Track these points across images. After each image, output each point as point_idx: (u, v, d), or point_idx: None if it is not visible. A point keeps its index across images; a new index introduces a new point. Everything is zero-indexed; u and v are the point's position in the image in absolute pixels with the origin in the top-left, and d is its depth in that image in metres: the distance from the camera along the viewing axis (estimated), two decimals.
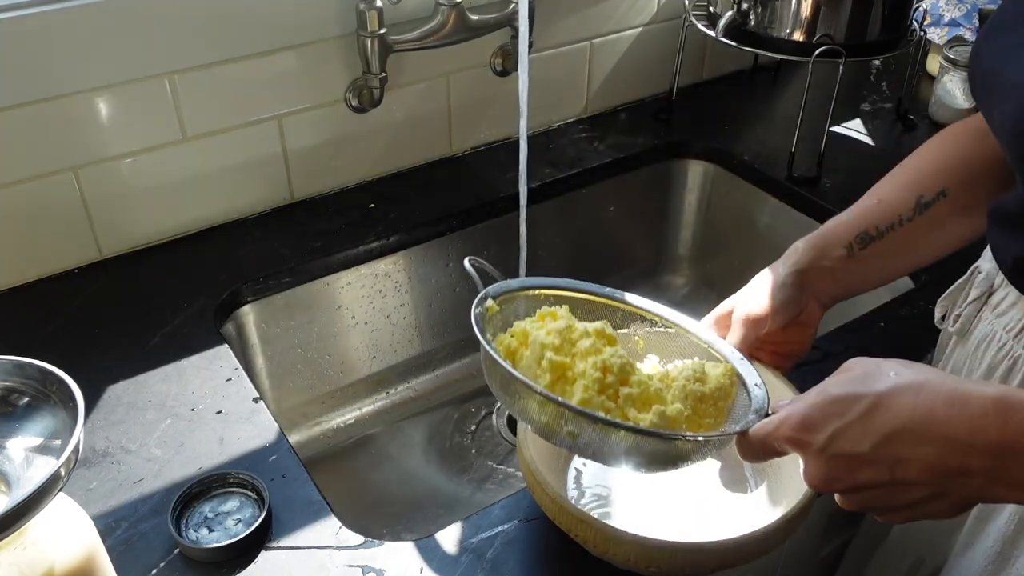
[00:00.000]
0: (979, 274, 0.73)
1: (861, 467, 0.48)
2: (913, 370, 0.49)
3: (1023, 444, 0.44)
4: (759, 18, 1.14)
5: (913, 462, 0.46)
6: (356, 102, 1.07)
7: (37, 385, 0.52)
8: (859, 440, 0.47)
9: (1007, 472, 0.45)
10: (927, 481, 0.47)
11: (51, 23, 0.86)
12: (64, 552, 0.53)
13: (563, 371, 0.60)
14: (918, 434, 0.46)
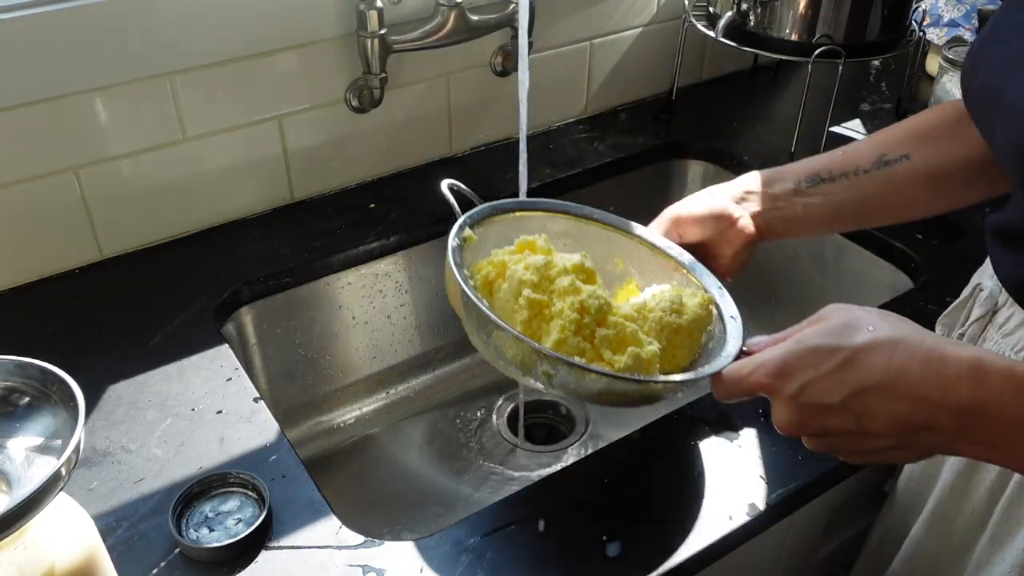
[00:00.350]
0: (982, 292, 0.72)
1: (829, 416, 0.49)
2: (891, 325, 0.50)
3: (991, 407, 0.46)
4: (759, 18, 1.14)
5: (881, 416, 0.48)
6: (356, 102, 1.07)
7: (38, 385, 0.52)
8: (831, 392, 0.49)
9: (972, 431, 0.47)
10: (893, 433, 0.49)
11: (51, 23, 0.86)
12: (65, 552, 0.53)
13: (540, 309, 0.59)
14: (890, 391, 0.47)
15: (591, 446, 1.11)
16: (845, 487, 0.83)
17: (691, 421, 0.82)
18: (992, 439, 0.47)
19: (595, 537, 0.71)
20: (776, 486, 0.75)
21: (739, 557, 0.75)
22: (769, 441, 0.79)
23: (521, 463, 1.09)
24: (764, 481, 0.76)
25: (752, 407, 0.83)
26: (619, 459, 0.78)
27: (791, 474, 0.76)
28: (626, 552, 0.70)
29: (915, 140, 0.75)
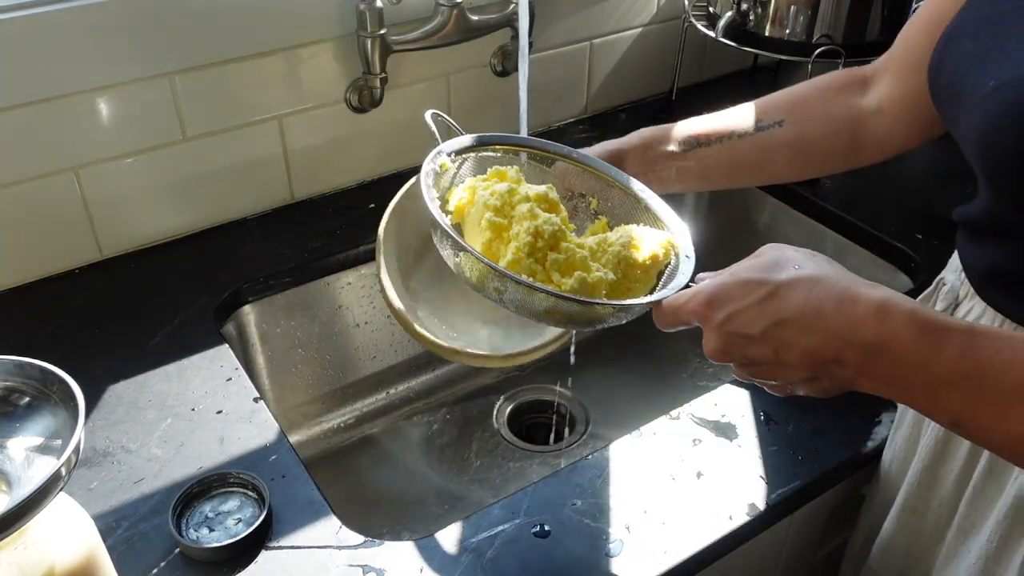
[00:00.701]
0: (943, 286, 0.73)
1: (751, 345, 0.53)
2: (815, 264, 0.53)
3: (893, 345, 0.49)
4: (758, 18, 1.14)
5: (796, 347, 0.51)
6: (356, 102, 1.07)
7: (38, 385, 0.52)
8: (753, 322, 0.52)
9: (875, 367, 0.50)
10: (805, 365, 0.52)
11: (51, 23, 0.86)
12: (65, 552, 0.53)
13: (500, 231, 0.63)
14: (804, 324, 0.50)
15: (591, 446, 1.11)
16: (845, 487, 0.83)
17: (691, 421, 0.82)
18: (890, 376, 0.50)
19: (595, 537, 0.71)
20: (776, 486, 0.75)
21: (739, 557, 0.75)
22: (769, 441, 0.79)
23: (521, 463, 1.09)
24: (764, 481, 0.76)
25: (753, 408, 0.83)
26: (619, 459, 0.78)
27: (791, 474, 0.76)
28: (626, 552, 0.70)
29: (791, 107, 0.77)
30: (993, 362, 0.47)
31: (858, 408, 0.83)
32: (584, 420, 1.15)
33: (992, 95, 0.57)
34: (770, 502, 0.74)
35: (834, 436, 0.80)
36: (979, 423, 0.48)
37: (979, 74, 0.60)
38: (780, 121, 0.77)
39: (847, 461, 0.79)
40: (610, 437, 1.11)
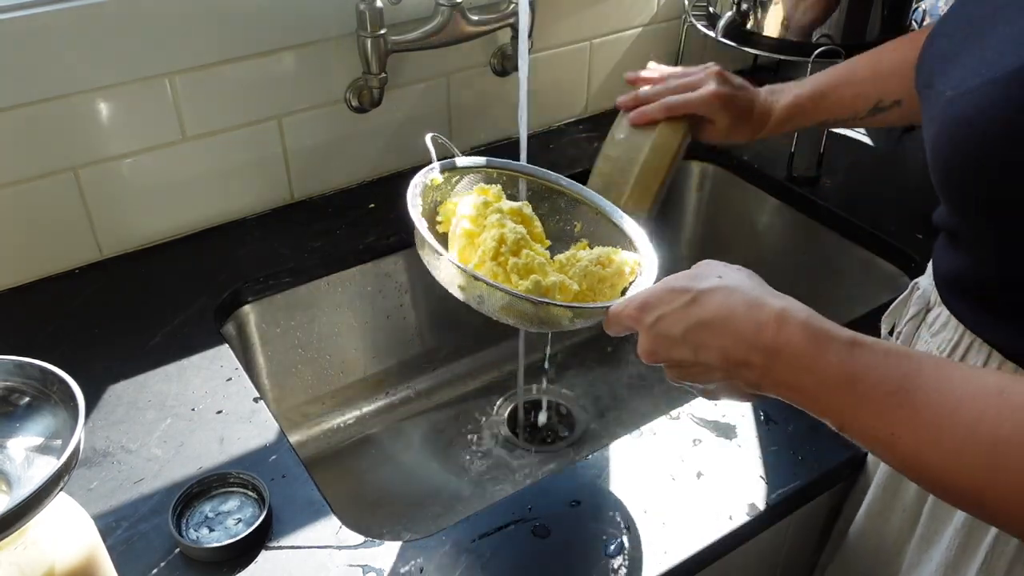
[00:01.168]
0: (917, 290, 0.74)
1: (675, 347, 0.57)
2: (736, 276, 0.58)
3: (786, 349, 0.52)
4: (759, 18, 1.14)
5: (712, 349, 0.55)
6: (356, 102, 1.07)
7: (38, 385, 0.52)
8: (676, 325, 0.57)
9: (774, 370, 0.53)
10: (721, 367, 0.56)
11: (51, 23, 0.86)
12: (64, 552, 0.53)
13: (472, 238, 0.70)
14: (718, 328, 0.55)
15: (591, 446, 1.11)
16: (845, 487, 0.83)
17: (691, 421, 0.82)
18: (786, 379, 0.53)
19: (595, 537, 0.71)
20: (776, 486, 0.75)
21: (739, 557, 0.75)
22: (769, 441, 0.79)
23: (521, 463, 1.09)
24: (764, 481, 0.76)
25: (753, 408, 0.83)
26: (619, 459, 0.78)
27: (791, 474, 0.76)
28: (626, 552, 0.70)
29: (907, 80, 0.77)
30: (867, 373, 0.50)
31: None
32: (584, 420, 1.15)
33: (946, 107, 0.57)
34: (770, 502, 0.74)
35: (834, 436, 0.79)
36: (857, 428, 0.51)
37: (944, 79, 0.60)
38: (898, 101, 0.80)
39: (847, 461, 0.79)
40: (610, 437, 1.11)
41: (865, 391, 0.49)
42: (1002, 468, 0.43)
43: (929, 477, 0.48)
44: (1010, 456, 0.43)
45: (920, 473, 0.48)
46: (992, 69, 0.54)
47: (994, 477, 0.44)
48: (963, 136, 0.55)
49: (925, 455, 0.47)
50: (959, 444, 0.45)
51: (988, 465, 0.44)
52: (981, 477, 0.44)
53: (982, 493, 0.45)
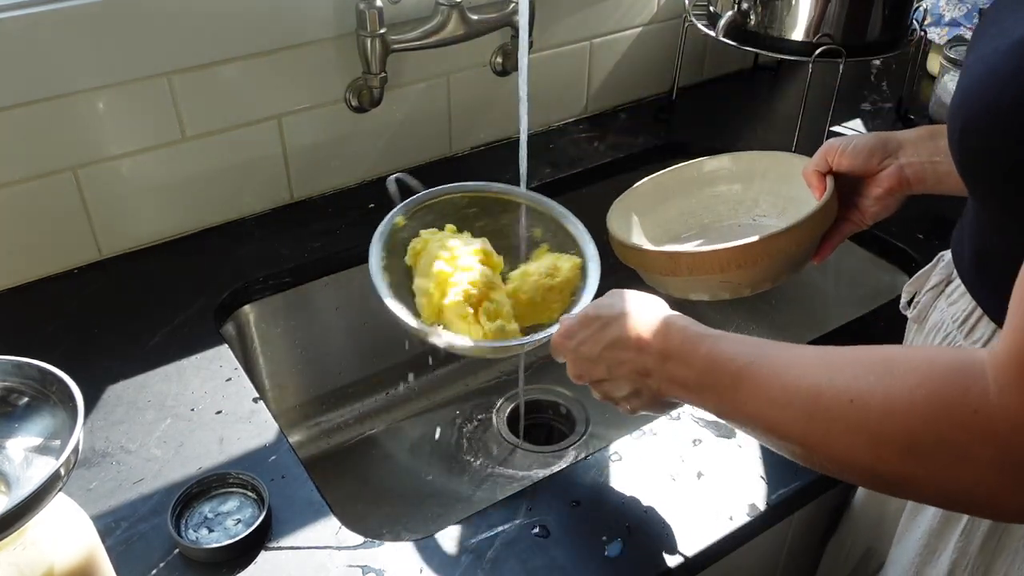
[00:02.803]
0: (942, 261, 0.74)
1: (594, 367, 0.66)
2: (639, 299, 0.66)
3: (672, 352, 0.60)
4: (759, 18, 1.14)
5: (622, 364, 0.64)
6: (356, 102, 1.07)
7: (37, 385, 0.52)
8: (593, 347, 0.65)
9: (667, 371, 0.61)
10: (630, 378, 0.64)
11: (51, 23, 0.86)
12: (64, 552, 0.53)
13: (445, 279, 0.77)
14: (624, 344, 0.63)
15: (591, 446, 1.11)
16: (845, 487, 0.83)
17: (691, 421, 0.82)
18: (677, 376, 0.61)
19: (595, 537, 0.71)
20: (776, 486, 0.75)
21: (739, 557, 0.75)
22: None
23: (521, 463, 1.09)
24: (764, 481, 0.76)
25: None
26: (619, 459, 0.78)
27: (791, 474, 0.76)
28: (626, 552, 0.69)
29: None
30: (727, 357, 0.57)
31: None
32: (584, 421, 1.15)
33: (961, 78, 0.59)
34: (770, 502, 0.74)
35: None
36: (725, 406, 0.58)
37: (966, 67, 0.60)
38: None
39: None
40: (610, 437, 1.11)
41: (725, 370, 0.57)
42: (820, 414, 0.50)
43: (769, 431, 0.54)
44: (823, 402, 0.49)
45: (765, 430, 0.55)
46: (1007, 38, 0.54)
47: (813, 424, 0.50)
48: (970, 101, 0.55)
49: (764, 411, 0.54)
50: (788, 397, 0.52)
51: (808, 413, 0.50)
52: (803, 424, 0.51)
53: (805, 438, 0.51)
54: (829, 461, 0.51)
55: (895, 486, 0.49)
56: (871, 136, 0.80)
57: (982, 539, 0.64)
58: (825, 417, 0.49)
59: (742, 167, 0.92)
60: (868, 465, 0.48)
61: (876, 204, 0.81)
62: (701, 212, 0.93)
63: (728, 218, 0.93)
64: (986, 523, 0.64)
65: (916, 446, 0.45)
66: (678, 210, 0.94)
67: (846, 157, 0.79)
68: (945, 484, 0.45)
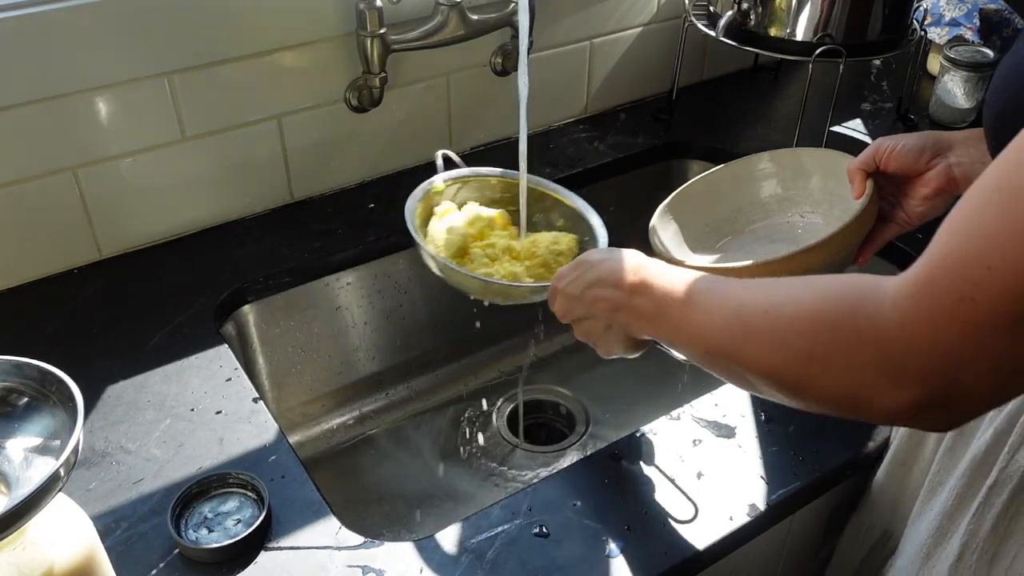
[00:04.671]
0: None
1: (576, 304, 0.72)
2: (619, 251, 0.71)
3: (639, 286, 0.66)
4: (759, 18, 1.14)
5: (599, 301, 0.69)
6: (356, 102, 1.07)
7: (36, 385, 0.52)
8: (576, 286, 0.71)
9: (635, 304, 0.66)
10: (606, 315, 0.69)
11: (51, 23, 0.86)
12: (64, 552, 0.53)
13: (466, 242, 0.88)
14: (601, 283, 0.69)
15: (591, 446, 1.11)
16: (845, 487, 0.83)
17: (691, 421, 0.82)
18: (642, 309, 0.66)
19: (595, 537, 0.71)
20: (776, 486, 0.75)
21: (739, 557, 0.75)
22: (769, 441, 0.79)
23: (521, 463, 1.09)
24: (764, 481, 0.76)
25: (753, 408, 0.83)
26: (619, 459, 0.78)
27: (791, 474, 0.76)
28: (626, 552, 0.70)
29: None
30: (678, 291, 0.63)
31: None
32: (584, 420, 1.15)
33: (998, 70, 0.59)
34: (770, 502, 0.74)
35: (834, 436, 0.80)
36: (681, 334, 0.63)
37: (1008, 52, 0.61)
38: None
39: (847, 461, 0.79)
40: (610, 437, 1.11)
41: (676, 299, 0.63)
42: (740, 327, 0.55)
43: (707, 349, 0.59)
44: (743, 316, 0.55)
45: (704, 350, 0.60)
46: None
47: (735, 337, 0.56)
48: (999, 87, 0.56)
49: (702, 330, 0.59)
50: (719, 314, 0.58)
51: (731, 327, 0.56)
52: (728, 337, 0.56)
53: (731, 351, 0.56)
54: (750, 373, 0.55)
55: (798, 391, 0.53)
56: (920, 135, 0.79)
57: (992, 522, 0.65)
58: (744, 330, 0.55)
59: (789, 164, 0.92)
60: (775, 370, 0.53)
61: (923, 204, 0.80)
62: (749, 209, 0.94)
63: (776, 215, 0.93)
64: (997, 507, 0.64)
65: (815, 351, 0.50)
66: (728, 208, 0.95)
67: (894, 158, 0.78)
68: (835, 386, 0.50)
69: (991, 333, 0.43)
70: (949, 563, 0.69)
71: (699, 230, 0.93)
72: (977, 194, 0.44)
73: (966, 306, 0.43)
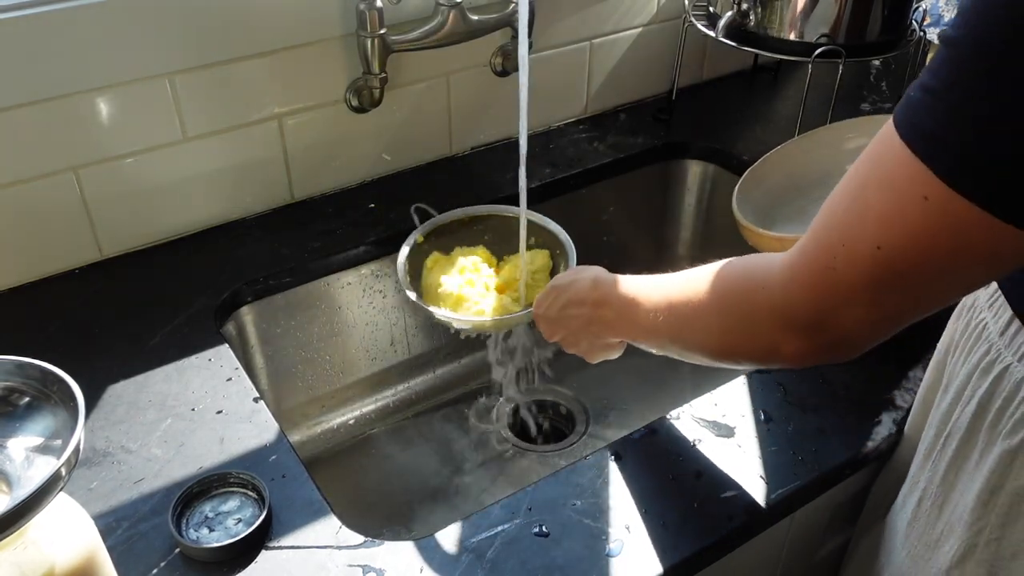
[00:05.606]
0: None
1: (556, 325, 0.81)
2: (583, 271, 0.80)
3: (600, 299, 0.75)
4: (759, 18, 1.14)
5: (574, 319, 0.78)
6: (356, 102, 1.07)
7: (38, 385, 0.52)
8: (553, 310, 0.80)
9: (601, 316, 0.75)
10: (583, 329, 0.78)
11: (51, 23, 0.86)
12: (64, 552, 0.53)
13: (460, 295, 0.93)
14: (572, 304, 0.78)
15: (591, 446, 1.11)
16: (845, 487, 0.83)
17: (691, 421, 0.82)
18: (609, 319, 0.74)
19: (595, 537, 0.71)
20: (776, 486, 0.75)
21: (739, 557, 0.75)
22: (769, 441, 0.80)
23: (521, 463, 1.09)
24: (764, 481, 0.76)
25: (753, 408, 0.83)
26: (619, 459, 0.78)
27: (791, 474, 0.76)
28: (626, 552, 0.70)
29: None
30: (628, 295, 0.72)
31: (858, 408, 0.83)
32: (584, 420, 1.15)
33: None
34: (770, 502, 0.74)
35: (834, 436, 0.80)
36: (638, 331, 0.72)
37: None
38: None
39: (847, 461, 0.79)
40: (610, 437, 1.11)
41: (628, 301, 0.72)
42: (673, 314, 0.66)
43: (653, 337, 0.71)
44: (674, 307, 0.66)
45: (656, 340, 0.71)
46: None
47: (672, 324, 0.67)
48: None
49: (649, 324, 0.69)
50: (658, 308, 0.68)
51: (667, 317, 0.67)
52: (667, 325, 0.67)
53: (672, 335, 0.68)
54: (691, 351, 0.67)
55: (728, 357, 0.64)
56: None
57: (943, 470, 0.70)
58: (677, 318, 0.66)
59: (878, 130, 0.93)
60: (707, 345, 0.65)
61: None
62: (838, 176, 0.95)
63: None
64: (948, 453, 0.69)
65: (728, 324, 0.61)
66: (816, 175, 0.98)
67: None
68: (751, 347, 0.60)
69: (852, 292, 0.52)
70: (911, 508, 0.74)
71: (785, 195, 0.97)
72: (846, 179, 0.53)
73: (829, 274, 0.52)
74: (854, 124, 0.99)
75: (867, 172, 0.51)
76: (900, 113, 0.49)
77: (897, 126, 0.49)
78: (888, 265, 0.50)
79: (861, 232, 0.50)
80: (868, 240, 0.50)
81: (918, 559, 0.73)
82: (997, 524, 0.65)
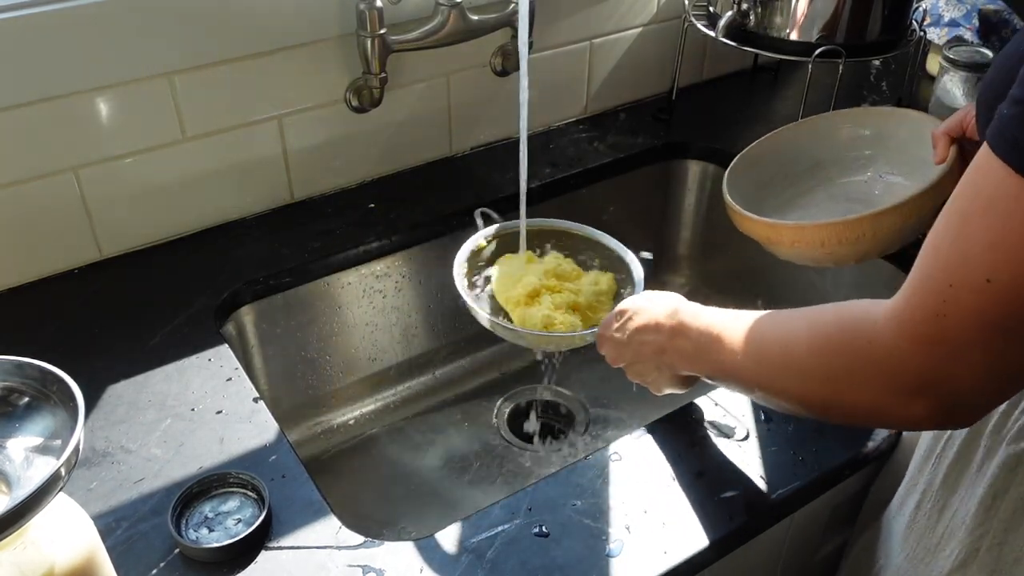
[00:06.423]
0: None
1: (624, 350, 0.76)
2: (657, 295, 0.77)
3: (678, 328, 0.71)
4: (759, 18, 1.14)
5: (645, 345, 0.74)
6: (356, 102, 1.07)
7: (37, 385, 0.52)
8: (622, 332, 0.76)
9: (677, 346, 0.71)
10: (653, 357, 0.74)
11: (51, 23, 0.86)
12: (64, 552, 0.53)
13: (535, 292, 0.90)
14: (644, 329, 0.74)
15: (591, 446, 1.11)
16: (845, 487, 0.83)
17: (691, 421, 0.82)
18: (684, 349, 0.71)
19: (595, 537, 0.71)
20: (776, 486, 0.75)
21: (739, 557, 0.75)
22: (769, 441, 0.79)
23: (521, 463, 1.09)
24: (764, 481, 0.76)
25: (753, 408, 0.83)
26: (619, 459, 0.78)
27: (791, 474, 0.76)
28: (626, 552, 0.70)
29: None
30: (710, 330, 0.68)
31: None
32: (584, 420, 1.15)
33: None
34: (770, 502, 0.74)
35: (834, 436, 0.80)
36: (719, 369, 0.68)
37: None
38: None
39: (847, 461, 0.79)
40: (610, 437, 1.11)
41: (710, 337, 0.68)
42: (765, 361, 0.63)
43: (741, 381, 0.66)
44: (765, 352, 0.63)
45: (738, 381, 0.66)
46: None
47: (762, 369, 0.63)
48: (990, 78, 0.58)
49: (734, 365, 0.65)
50: (746, 351, 0.64)
51: (758, 361, 0.63)
52: (755, 370, 0.63)
53: (760, 382, 0.63)
54: (778, 397, 0.62)
55: (823, 411, 0.60)
56: None
57: (944, 473, 0.70)
58: (769, 364, 0.62)
59: (874, 122, 0.92)
60: (802, 397, 0.60)
61: None
62: (830, 165, 0.94)
63: (855, 172, 0.93)
64: (949, 457, 0.69)
65: (830, 376, 0.56)
66: (808, 163, 0.95)
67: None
68: (856, 404, 0.55)
69: (966, 345, 0.47)
70: (910, 510, 0.74)
71: (776, 180, 0.95)
72: (944, 217, 0.49)
73: (939, 321, 0.48)
74: (849, 114, 0.97)
75: (966, 203, 0.47)
76: (993, 132, 0.46)
77: (993, 147, 0.45)
78: (1001, 299, 0.45)
79: (967, 267, 0.46)
80: (976, 273, 0.45)
81: (917, 562, 0.73)
82: (1000, 529, 0.65)
